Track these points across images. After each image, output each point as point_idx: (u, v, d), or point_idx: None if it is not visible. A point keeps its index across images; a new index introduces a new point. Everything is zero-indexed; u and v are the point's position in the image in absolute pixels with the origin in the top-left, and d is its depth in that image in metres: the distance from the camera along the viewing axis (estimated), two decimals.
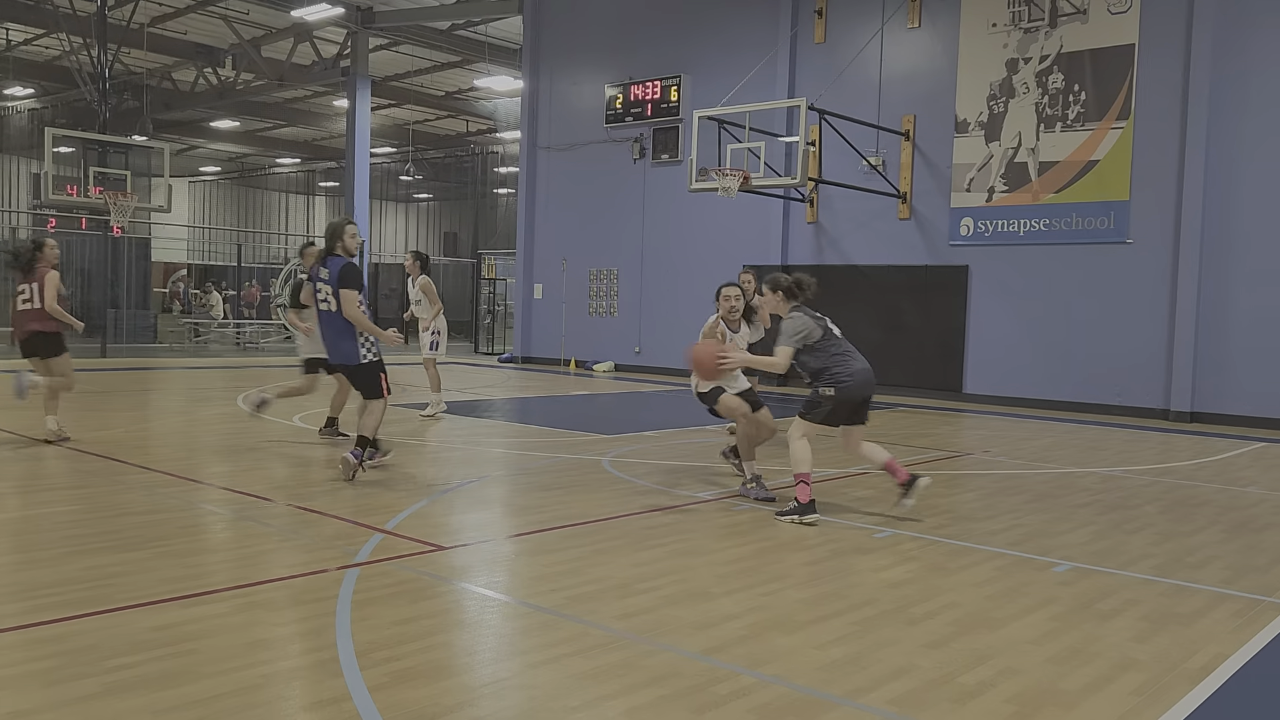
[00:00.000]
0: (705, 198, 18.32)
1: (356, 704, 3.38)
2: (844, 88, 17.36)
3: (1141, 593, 5.13)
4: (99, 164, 23.24)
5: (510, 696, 3.52)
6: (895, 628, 4.41)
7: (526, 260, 23.04)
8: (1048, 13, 15.54)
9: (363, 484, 7.33)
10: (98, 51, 23.22)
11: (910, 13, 16.94)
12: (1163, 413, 14.45)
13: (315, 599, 4.53)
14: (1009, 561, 5.69)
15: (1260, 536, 6.62)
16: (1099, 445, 11.26)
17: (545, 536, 5.95)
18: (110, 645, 3.85)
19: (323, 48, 27.40)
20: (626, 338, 20.95)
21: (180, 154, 40.68)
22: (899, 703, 3.57)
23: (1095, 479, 8.80)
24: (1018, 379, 15.84)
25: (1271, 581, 5.44)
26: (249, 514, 6.26)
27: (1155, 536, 6.50)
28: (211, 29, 27.11)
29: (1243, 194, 13.89)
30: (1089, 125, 15.16)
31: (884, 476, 8.44)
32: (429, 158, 40.97)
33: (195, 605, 4.39)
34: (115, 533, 5.65)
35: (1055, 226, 15.47)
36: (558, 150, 22.36)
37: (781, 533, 6.21)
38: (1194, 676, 3.93)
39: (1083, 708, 3.59)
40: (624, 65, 20.97)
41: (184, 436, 9.78)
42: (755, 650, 4.05)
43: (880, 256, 17.34)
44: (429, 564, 5.21)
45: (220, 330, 27.36)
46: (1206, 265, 14.09)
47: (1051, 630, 4.45)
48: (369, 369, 7.61)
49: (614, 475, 8.13)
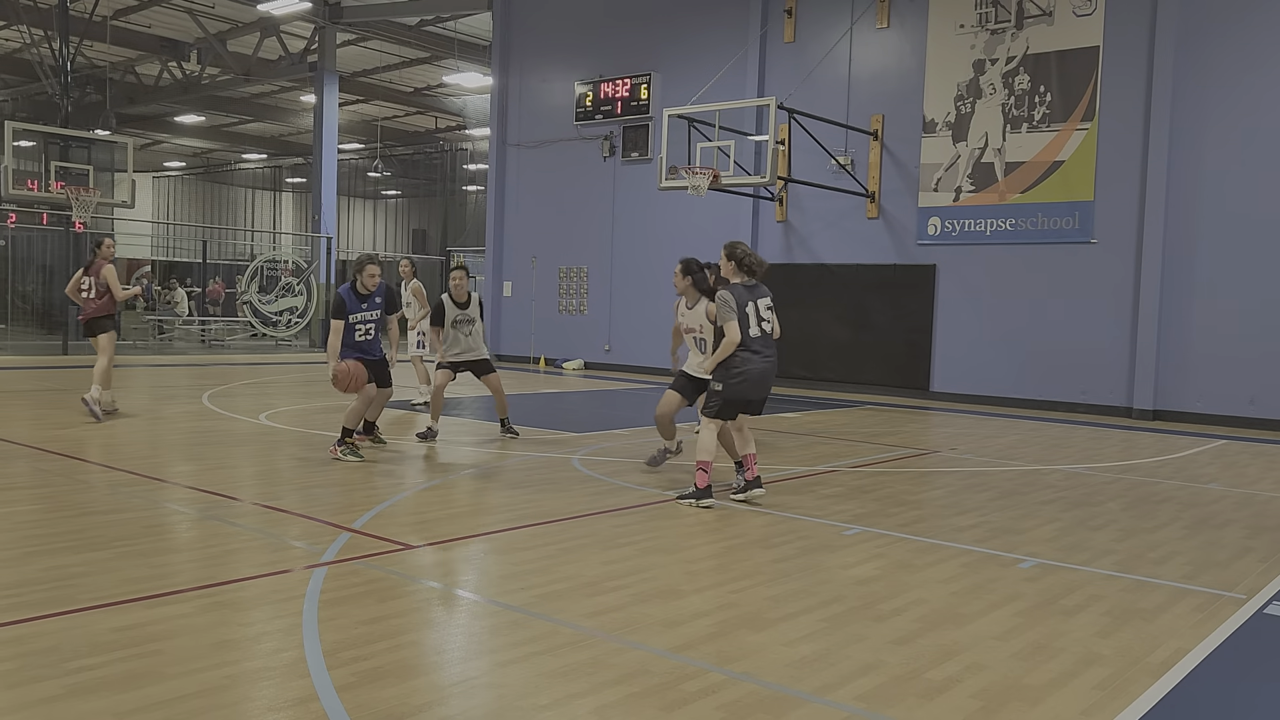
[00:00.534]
0: (675, 196, 18.35)
1: (324, 704, 3.36)
2: (813, 87, 17.45)
3: (1105, 588, 5.19)
4: (61, 159, 22.94)
5: (479, 695, 3.51)
6: (863, 624, 4.44)
7: (496, 258, 22.97)
8: (1014, 14, 15.69)
9: (330, 483, 7.28)
10: (59, 44, 22.90)
11: (879, 13, 17.04)
12: (1126, 410, 14.64)
13: (282, 598, 4.49)
14: (975, 558, 5.75)
15: (1220, 532, 6.72)
16: (1063, 442, 11.39)
17: (514, 535, 5.94)
18: (72, 646, 3.80)
19: (290, 42, 27.16)
20: (596, 336, 20.94)
21: (144, 149, 40.20)
22: (867, 699, 3.60)
23: (1060, 476, 8.91)
24: (984, 377, 16.00)
25: (1231, 577, 5.53)
26: (215, 513, 6.20)
27: (1118, 533, 6.59)
28: (176, 22, 26.79)
29: (1204, 196, 14.10)
30: (1054, 126, 15.33)
31: (850, 474, 8.50)
32: (397, 154, 40.74)
33: (159, 605, 4.34)
34: (77, 533, 5.57)
35: (1021, 226, 15.63)
36: (527, 147, 22.30)
37: (751, 530, 6.24)
38: (1156, 671, 3.99)
39: (1047, 702, 3.63)
40: (594, 63, 20.95)
41: (148, 435, 9.66)
42: (724, 647, 4.06)
43: (849, 255, 17.45)
44: (397, 563, 5.18)
45: (185, 327, 27.04)
46: (1169, 265, 14.30)
47: (1017, 626, 4.50)
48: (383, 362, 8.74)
49: (584, 473, 8.12)
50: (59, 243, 23.95)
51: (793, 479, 8.17)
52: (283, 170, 45.40)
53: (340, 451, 8.26)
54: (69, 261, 23.24)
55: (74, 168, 21.57)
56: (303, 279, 25.73)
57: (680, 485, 7.61)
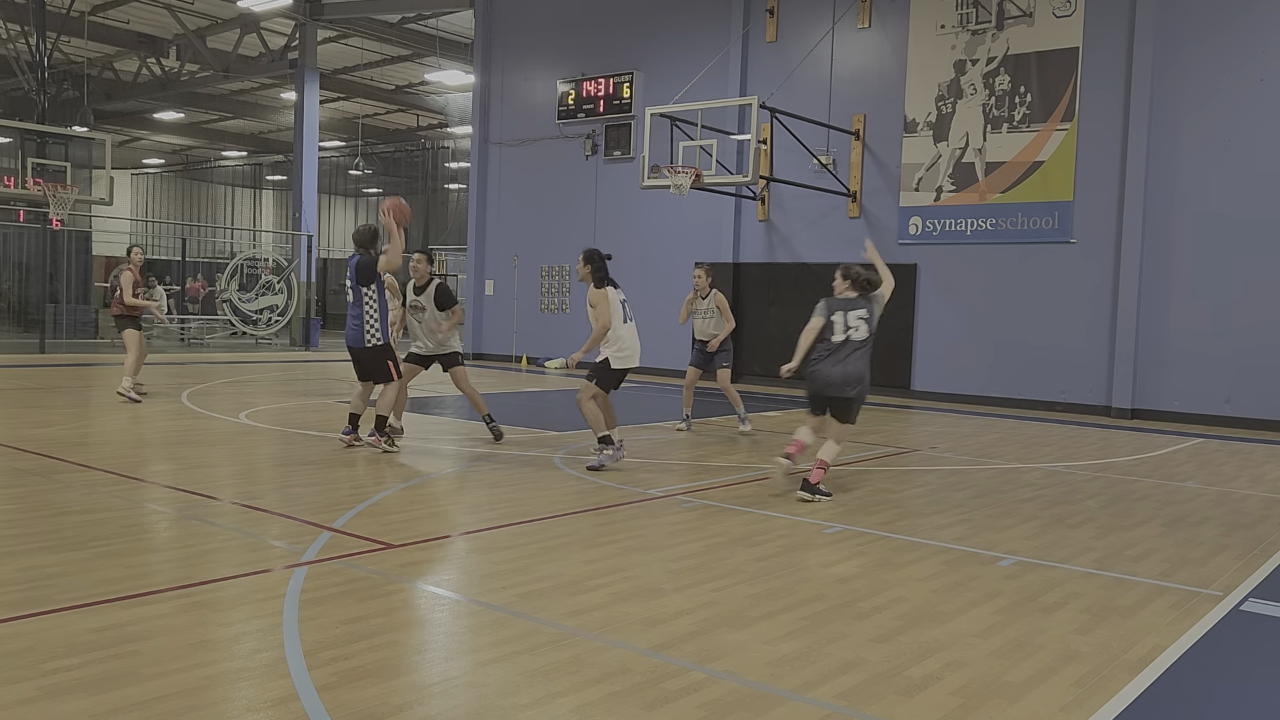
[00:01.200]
0: (657, 195, 18.36)
1: (304, 704, 3.34)
2: (795, 87, 17.49)
3: (1083, 586, 5.23)
4: (37, 155, 22.72)
5: (460, 695, 3.50)
6: (844, 622, 4.45)
7: (478, 256, 22.91)
8: (994, 15, 15.77)
9: (310, 482, 7.25)
10: (36, 40, 22.69)
11: (860, 13, 17.09)
12: (1104, 409, 14.75)
13: (262, 598, 4.47)
14: (955, 556, 5.77)
15: (1197, 530, 6.78)
16: (1042, 441, 11.46)
17: (496, 534, 5.92)
18: (48, 647, 3.76)
19: (270, 39, 27.00)
20: (578, 334, 20.90)
21: (122, 146, 39.87)
22: (847, 696, 3.61)
23: (1039, 474, 8.96)
24: (964, 376, 16.08)
25: (1208, 574, 5.58)
26: (193, 512, 6.15)
27: (1097, 530, 6.63)
28: (155, 18, 26.57)
29: (1181, 196, 14.22)
30: (1034, 127, 15.42)
31: (830, 473, 8.51)
32: (379, 152, 40.58)
33: (137, 606, 4.30)
34: (53, 533, 5.52)
35: (1001, 226, 15.72)
36: (509, 146, 22.25)
37: (732, 529, 6.25)
38: (1134, 667, 4.02)
39: (1027, 699, 3.65)
40: (576, 61, 20.93)
41: (126, 434, 9.58)
42: (705, 646, 4.07)
43: (830, 254, 17.49)
44: (378, 562, 5.16)
45: (164, 326, 26.82)
46: (1147, 265, 14.41)
47: (996, 623, 4.53)
48: (375, 352, 8.71)
49: (565, 472, 8.11)
50: (36, 240, 23.74)
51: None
52: (263, 168, 45.15)
53: (384, 443, 8.63)
54: (46, 259, 23.04)
55: (51, 164, 21.37)
56: (283, 277, 25.60)
57: (630, 481, 7.61)
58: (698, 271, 11.15)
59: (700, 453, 9.63)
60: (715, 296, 11.04)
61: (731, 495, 7.35)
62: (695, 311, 11.19)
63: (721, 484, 7.60)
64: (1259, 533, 6.74)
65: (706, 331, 11.09)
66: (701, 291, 11.09)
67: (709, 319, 11.06)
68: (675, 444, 10.20)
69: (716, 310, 11.01)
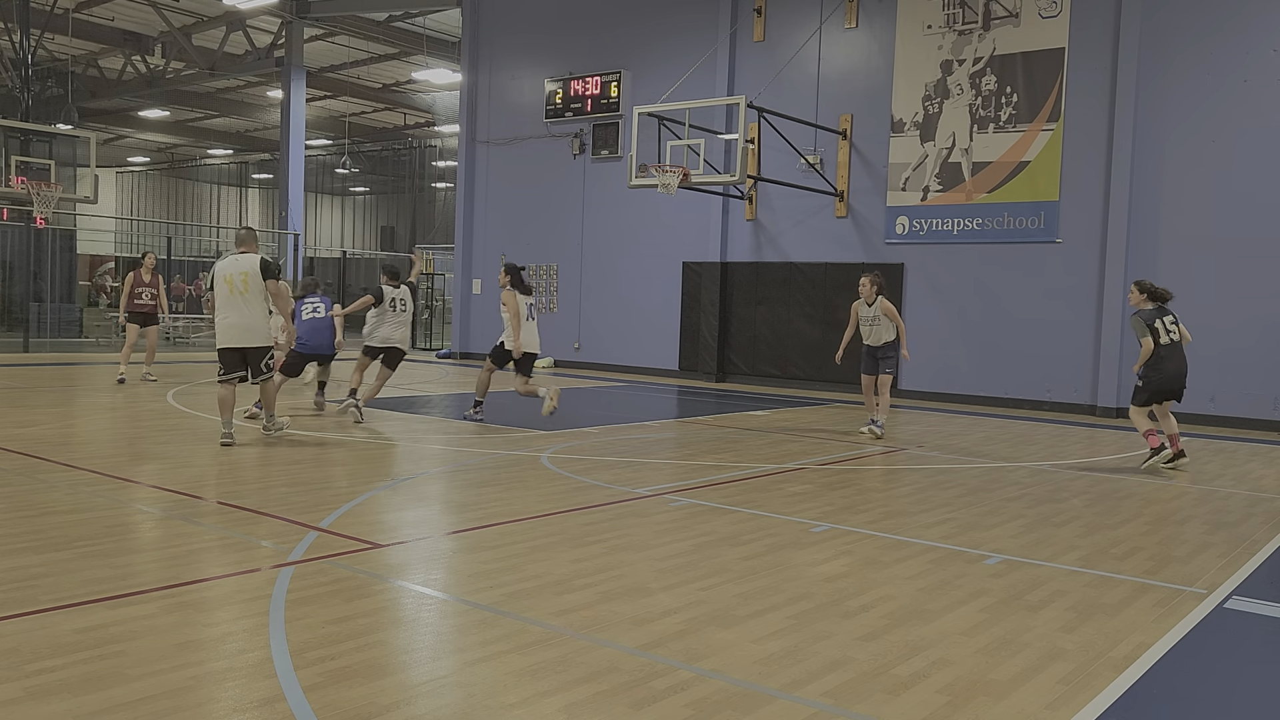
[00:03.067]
0: (645, 194, 18.36)
1: (291, 705, 3.33)
2: (783, 86, 17.52)
3: (1069, 584, 5.26)
4: (21, 153, 22.56)
5: (448, 694, 3.50)
6: (831, 621, 4.46)
7: (465, 255, 22.86)
8: (981, 16, 15.83)
9: (297, 482, 7.22)
10: (20, 37, 22.53)
11: (848, 13, 17.13)
12: (1089, 408, 14.83)
13: (248, 598, 4.45)
14: (942, 554, 5.80)
15: (1181, 528, 6.83)
16: (1028, 440, 11.51)
17: (483, 533, 5.91)
18: (32, 648, 3.74)
19: (256, 37, 26.88)
20: (566, 334, 20.90)
21: (107, 144, 39.65)
22: (835, 695, 3.62)
23: (1025, 473, 9.00)
24: (950, 375, 16.14)
25: (1192, 572, 5.62)
26: (179, 512, 6.12)
27: (1082, 529, 6.67)
28: (140, 15, 26.42)
29: (1166, 196, 14.30)
30: (1020, 127, 15.48)
31: (818, 472, 8.54)
32: (366, 151, 40.44)
33: (122, 606, 4.28)
34: (37, 533, 5.49)
35: (988, 226, 15.78)
36: (497, 145, 22.22)
37: (720, 528, 6.26)
38: (1119, 665, 4.04)
39: (1013, 697, 3.67)
40: (564, 60, 20.91)
41: (111, 433, 9.54)
42: (693, 645, 4.07)
43: (818, 254, 17.53)
44: (365, 562, 5.15)
45: None
46: (1132, 265, 14.48)
47: (983, 622, 4.55)
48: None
49: (553, 471, 8.11)
50: (19, 238, 23.58)
51: (761, 476, 8.21)
52: (249, 166, 44.94)
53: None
54: (29, 258, 22.89)
55: (35, 162, 21.19)
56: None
57: (618, 480, 7.61)
58: (864, 280, 11.12)
59: (687, 452, 9.64)
60: (881, 304, 11.02)
61: (719, 494, 7.36)
62: (863, 320, 11.18)
63: (709, 483, 7.61)
64: (1242, 531, 6.79)
65: (879, 338, 11.08)
66: (868, 299, 11.10)
67: (878, 326, 11.06)
68: (662, 443, 10.21)
69: (884, 317, 11.01)
